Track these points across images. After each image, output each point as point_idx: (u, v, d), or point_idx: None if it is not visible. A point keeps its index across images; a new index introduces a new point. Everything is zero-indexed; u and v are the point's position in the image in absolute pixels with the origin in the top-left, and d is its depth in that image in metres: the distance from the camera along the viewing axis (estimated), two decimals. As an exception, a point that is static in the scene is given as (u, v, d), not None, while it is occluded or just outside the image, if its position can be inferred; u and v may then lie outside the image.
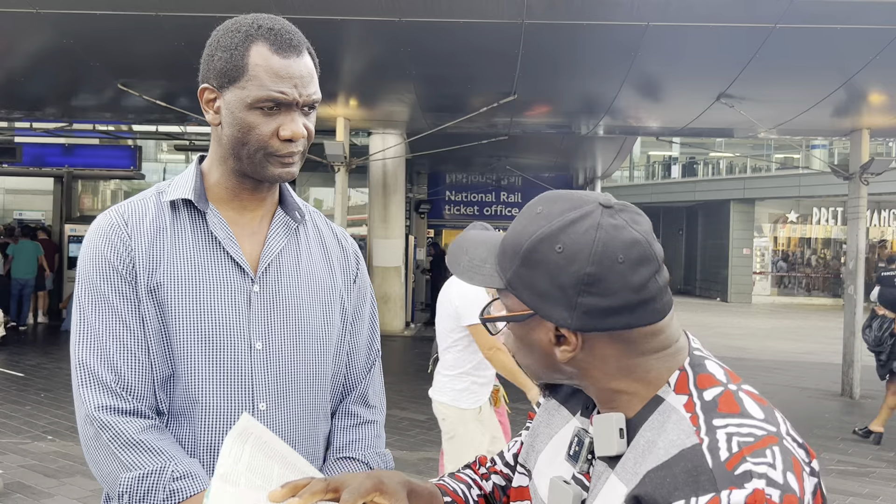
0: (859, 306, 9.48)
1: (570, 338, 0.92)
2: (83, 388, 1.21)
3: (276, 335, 1.31)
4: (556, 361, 0.96)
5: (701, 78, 7.72)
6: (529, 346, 0.98)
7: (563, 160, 16.10)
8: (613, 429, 0.94)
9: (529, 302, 0.94)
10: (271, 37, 1.23)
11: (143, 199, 1.33)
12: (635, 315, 0.90)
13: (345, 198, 10.14)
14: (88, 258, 1.26)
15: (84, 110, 10.89)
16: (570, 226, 0.91)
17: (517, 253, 0.94)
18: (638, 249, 0.90)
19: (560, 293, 0.90)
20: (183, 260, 1.27)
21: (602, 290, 0.89)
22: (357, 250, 1.52)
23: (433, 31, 6.51)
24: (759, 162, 25.10)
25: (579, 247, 0.90)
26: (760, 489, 0.79)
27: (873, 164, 9.21)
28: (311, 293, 1.37)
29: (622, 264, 0.89)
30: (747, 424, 0.85)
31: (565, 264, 0.90)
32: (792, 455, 0.84)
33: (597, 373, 0.95)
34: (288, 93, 1.22)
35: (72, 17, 6.33)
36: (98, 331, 1.22)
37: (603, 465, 0.96)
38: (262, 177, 1.28)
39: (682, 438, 0.87)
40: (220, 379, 1.26)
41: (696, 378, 0.92)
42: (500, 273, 0.98)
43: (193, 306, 1.25)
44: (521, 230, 0.96)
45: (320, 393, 1.38)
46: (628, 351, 0.93)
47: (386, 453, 1.47)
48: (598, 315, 0.90)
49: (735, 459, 0.81)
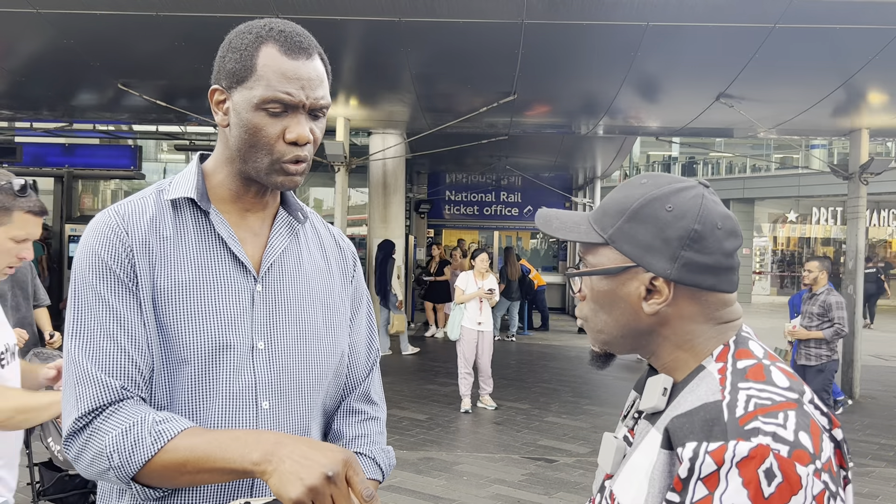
0: (859, 306, 9.48)
1: (663, 289, 1.02)
2: (76, 387, 1.20)
3: (278, 335, 1.31)
4: (638, 317, 1.05)
5: (701, 78, 7.72)
6: (613, 303, 1.07)
7: (563, 160, 16.10)
8: (659, 387, 1.04)
9: (631, 253, 1.04)
10: (281, 38, 1.23)
11: (143, 197, 1.32)
12: (720, 278, 1.02)
13: (345, 198, 10.13)
14: (84, 257, 1.25)
15: (84, 110, 10.88)
16: (679, 192, 1.04)
17: (624, 210, 1.05)
18: (731, 223, 1.04)
19: (664, 245, 1.01)
20: (184, 259, 1.27)
21: (702, 247, 1.01)
22: (354, 251, 1.52)
23: (433, 31, 6.51)
24: (759, 162, 25.10)
25: (687, 208, 1.02)
26: (765, 444, 0.87)
27: (873, 163, 9.22)
28: (313, 293, 1.37)
29: (720, 230, 1.02)
30: (768, 390, 0.94)
31: (673, 220, 1.01)
32: (810, 418, 0.92)
33: (668, 331, 1.05)
34: (294, 94, 1.21)
35: (72, 17, 6.32)
36: (92, 329, 1.21)
37: (646, 422, 1.06)
38: (266, 182, 1.27)
39: (707, 394, 0.97)
40: (223, 378, 1.25)
41: (735, 351, 1.02)
42: (597, 230, 1.07)
43: (196, 305, 1.25)
44: (628, 194, 1.06)
45: (322, 392, 1.38)
46: (702, 314, 1.03)
47: (388, 449, 1.47)
48: (695, 270, 1.01)
49: (748, 417, 0.90)
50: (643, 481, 0.99)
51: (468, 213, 19.74)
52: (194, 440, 1.14)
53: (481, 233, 21.50)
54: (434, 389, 8.99)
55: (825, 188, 21.50)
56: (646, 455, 1.01)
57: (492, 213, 19.65)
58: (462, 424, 7.38)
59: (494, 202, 19.63)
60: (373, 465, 1.41)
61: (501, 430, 7.21)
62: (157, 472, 1.15)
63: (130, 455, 1.14)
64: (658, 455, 0.98)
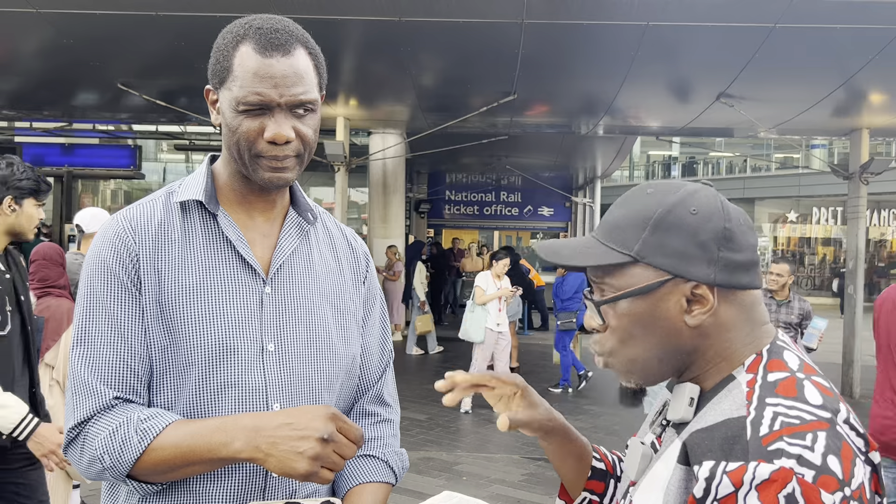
0: (859, 306, 9.47)
1: (707, 296, 0.96)
2: (73, 396, 1.21)
3: (288, 337, 1.30)
4: (680, 334, 0.98)
5: (701, 78, 7.73)
6: (651, 325, 0.98)
7: (563, 160, 16.11)
8: (685, 397, 0.99)
9: (666, 265, 0.96)
10: (257, 36, 1.20)
11: (152, 200, 1.32)
12: (752, 275, 0.98)
13: (345, 197, 10.14)
14: (90, 264, 1.26)
15: (84, 110, 10.89)
16: (695, 194, 0.98)
17: (645, 222, 0.97)
18: (746, 217, 1.00)
19: (700, 250, 0.95)
20: (193, 262, 1.26)
21: (736, 245, 0.96)
22: (366, 251, 1.50)
23: (433, 31, 6.51)
24: (759, 162, 25.10)
25: (711, 209, 0.96)
26: (789, 468, 0.81)
27: (873, 163, 9.22)
28: (323, 294, 1.36)
29: (744, 225, 0.98)
30: (798, 408, 0.87)
31: (703, 222, 0.95)
32: (843, 440, 0.85)
33: (708, 343, 0.98)
34: (264, 93, 1.19)
35: (72, 17, 6.32)
36: (92, 338, 1.22)
37: (672, 431, 1.01)
38: (255, 179, 1.26)
39: (732, 409, 0.91)
40: (233, 381, 1.25)
41: (768, 361, 0.96)
42: (616, 248, 0.99)
43: (204, 308, 1.24)
44: (642, 205, 0.99)
45: (334, 393, 1.37)
46: (740, 317, 0.98)
47: (402, 452, 1.46)
48: (735, 269, 0.96)
49: (772, 437, 0.84)
50: (659, 494, 0.96)
51: (468, 213, 19.74)
52: (178, 434, 1.15)
53: (481, 233, 21.50)
54: (434, 389, 8.99)
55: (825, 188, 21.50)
56: (667, 466, 0.97)
57: (492, 213, 19.65)
58: (462, 424, 7.38)
59: (494, 202, 19.63)
60: (385, 468, 1.40)
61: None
62: (150, 469, 1.17)
63: (120, 455, 1.16)
64: (675, 469, 0.94)
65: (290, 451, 1.09)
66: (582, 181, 19.63)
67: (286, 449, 1.09)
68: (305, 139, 1.25)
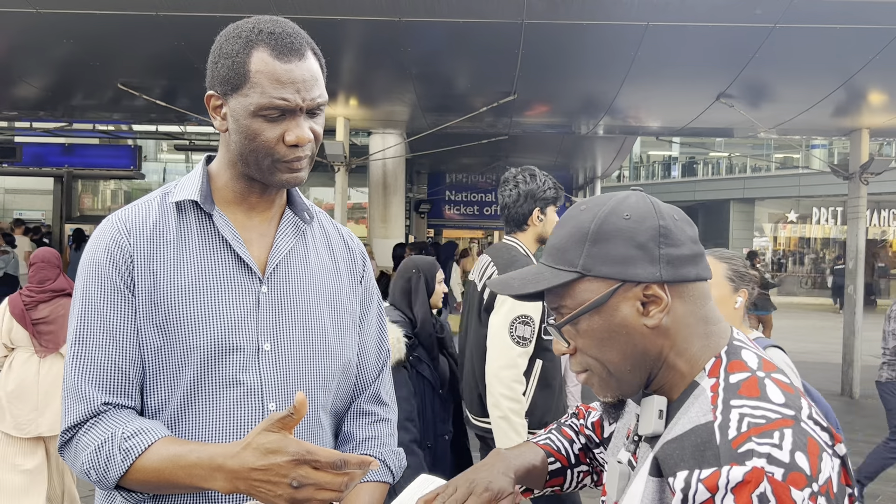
0: (859, 306, 9.47)
1: (660, 294, 0.97)
2: (65, 399, 1.22)
3: (284, 336, 1.30)
4: (644, 338, 0.99)
5: (701, 78, 7.72)
6: (614, 334, 0.99)
7: (563, 160, 16.10)
8: (654, 410, 1.00)
9: (612, 273, 0.98)
10: (272, 41, 1.21)
11: (148, 201, 1.33)
12: (698, 266, 1.00)
13: (345, 197, 10.13)
14: (85, 266, 1.26)
15: (84, 110, 10.88)
16: (625, 200, 1.01)
17: (584, 237, 1.00)
18: (680, 212, 1.03)
19: (641, 251, 0.97)
20: (188, 262, 1.26)
21: (675, 240, 0.98)
22: (363, 251, 1.51)
23: (433, 31, 6.51)
24: (759, 162, 25.11)
25: (643, 211, 0.99)
26: (760, 467, 0.83)
27: (873, 163, 9.21)
28: (320, 294, 1.36)
29: (678, 221, 1.01)
30: (762, 407, 0.89)
31: (638, 225, 0.98)
32: (808, 436, 0.87)
33: (669, 344, 0.99)
34: (290, 99, 1.20)
35: (72, 17, 6.32)
36: (85, 341, 1.22)
37: (647, 446, 1.02)
38: (270, 182, 1.27)
39: (699, 415, 0.92)
40: (229, 380, 1.25)
41: (728, 363, 0.98)
42: (562, 268, 1.01)
43: (200, 308, 1.24)
44: (578, 222, 1.02)
45: (330, 393, 1.37)
46: (692, 312, 0.99)
47: (399, 451, 1.46)
48: (680, 263, 0.98)
49: (741, 438, 0.86)
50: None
51: (468, 213, 19.73)
52: (161, 457, 1.15)
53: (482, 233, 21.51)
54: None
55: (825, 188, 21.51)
56: (642, 481, 0.98)
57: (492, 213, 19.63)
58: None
59: (494, 202, 19.59)
60: (383, 467, 1.41)
61: (501, 430, 7.19)
62: (136, 486, 1.18)
63: (105, 473, 1.16)
64: (647, 482, 0.95)
65: (270, 495, 1.07)
66: (582, 181, 19.62)
67: (264, 492, 1.08)
68: (318, 139, 1.28)
